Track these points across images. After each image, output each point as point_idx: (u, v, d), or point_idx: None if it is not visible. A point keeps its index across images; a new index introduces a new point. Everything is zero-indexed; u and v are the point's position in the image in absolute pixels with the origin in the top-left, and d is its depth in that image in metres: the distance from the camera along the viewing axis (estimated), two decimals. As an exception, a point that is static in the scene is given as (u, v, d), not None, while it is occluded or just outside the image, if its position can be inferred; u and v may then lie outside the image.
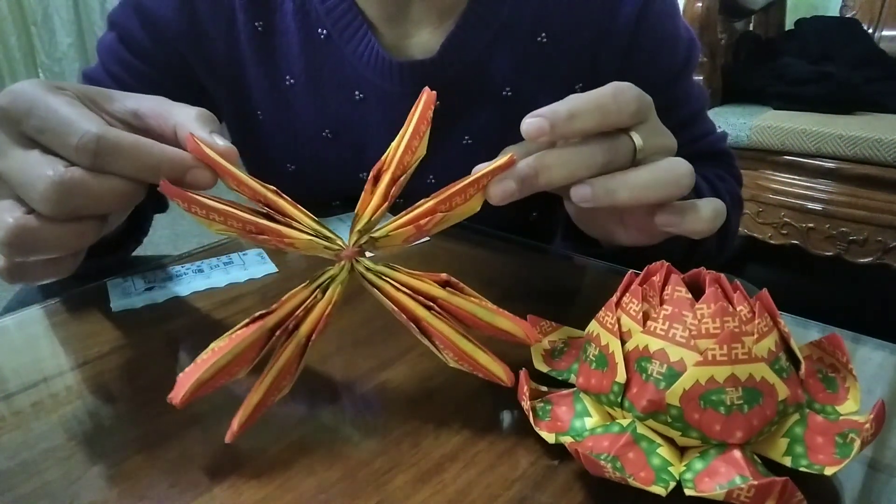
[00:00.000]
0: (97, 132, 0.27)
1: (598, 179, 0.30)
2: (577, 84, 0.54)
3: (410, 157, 0.31)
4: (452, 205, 0.29)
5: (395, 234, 0.29)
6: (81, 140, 0.27)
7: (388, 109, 0.54)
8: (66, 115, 0.27)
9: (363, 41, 0.51)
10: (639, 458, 0.24)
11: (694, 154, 0.58)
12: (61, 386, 0.32)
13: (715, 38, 1.61)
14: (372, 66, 0.52)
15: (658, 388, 0.24)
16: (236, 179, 0.29)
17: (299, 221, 0.29)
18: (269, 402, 0.27)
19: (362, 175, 0.57)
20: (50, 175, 0.26)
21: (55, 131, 0.27)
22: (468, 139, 0.55)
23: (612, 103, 0.30)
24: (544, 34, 0.52)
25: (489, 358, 0.27)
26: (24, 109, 0.28)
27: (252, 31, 0.52)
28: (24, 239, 0.27)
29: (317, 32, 0.52)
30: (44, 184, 0.26)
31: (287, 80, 0.54)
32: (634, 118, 0.31)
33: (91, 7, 3.01)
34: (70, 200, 0.27)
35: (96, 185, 0.27)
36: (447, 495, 0.24)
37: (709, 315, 0.24)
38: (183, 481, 0.25)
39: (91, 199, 0.27)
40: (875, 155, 1.31)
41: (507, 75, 0.53)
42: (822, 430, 0.25)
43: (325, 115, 0.55)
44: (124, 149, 0.27)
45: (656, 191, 0.30)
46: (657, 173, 0.30)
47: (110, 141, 0.27)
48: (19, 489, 0.25)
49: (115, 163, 0.27)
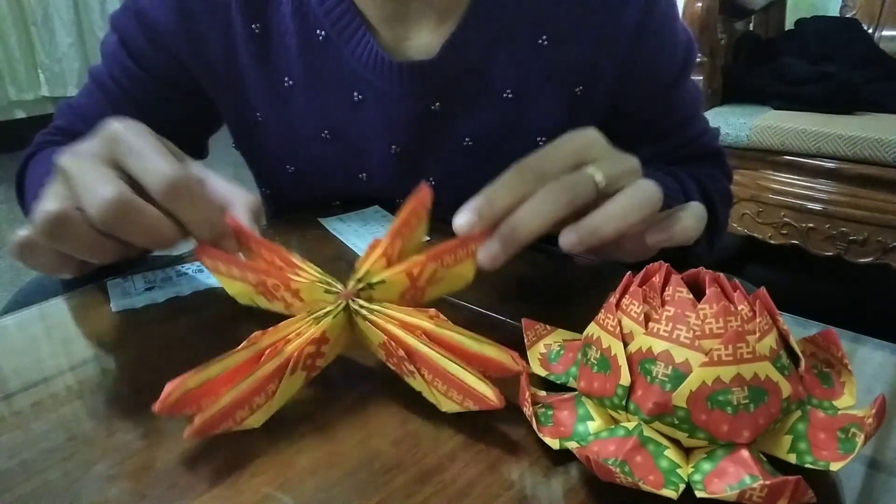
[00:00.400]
0: (177, 175, 0.30)
1: (580, 223, 0.32)
2: (577, 87, 0.54)
3: (403, 243, 0.33)
4: (443, 262, 0.32)
5: (391, 281, 0.31)
6: (162, 177, 0.30)
7: (386, 110, 0.54)
8: (156, 153, 0.31)
9: (362, 42, 0.51)
10: (646, 462, 0.24)
11: (688, 154, 0.59)
12: (61, 386, 0.32)
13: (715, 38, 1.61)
14: (371, 66, 0.52)
15: (664, 389, 0.24)
16: (260, 255, 0.34)
17: (306, 271, 0.32)
18: (235, 414, 0.27)
19: (362, 176, 0.57)
20: (113, 191, 0.29)
21: (142, 161, 0.31)
22: (468, 141, 0.55)
23: (524, 179, 0.33)
24: (545, 37, 0.52)
25: (477, 379, 0.27)
26: (127, 139, 0.31)
27: (249, 33, 0.52)
28: (60, 227, 0.29)
29: (315, 34, 0.52)
30: (106, 195, 0.29)
31: (286, 82, 0.54)
32: (578, 163, 0.34)
33: (91, 7, 3.01)
34: (118, 221, 0.29)
35: (146, 219, 0.30)
36: (447, 495, 0.24)
37: (712, 315, 0.24)
38: (183, 481, 0.25)
39: (135, 229, 0.30)
40: (875, 155, 1.31)
41: (508, 77, 0.53)
42: (823, 426, 0.25)
43: (324, 117, 0.55)
44: (194, 196, 0.31)
45: (635, 215, 0.32)
46: (630, 199, 0.33)
47: (185, 185, 0.30)
48: (19, 489, 0.25)
49: (179, 207, 0.31)
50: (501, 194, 0.33)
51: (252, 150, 0.60)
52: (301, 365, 0.28)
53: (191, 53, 0.53)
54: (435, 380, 0.28)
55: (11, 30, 2.80)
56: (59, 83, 2.97)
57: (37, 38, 2.88)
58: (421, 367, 0.28)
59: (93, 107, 0.57)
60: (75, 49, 2.97)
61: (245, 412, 0.27)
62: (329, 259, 0.47)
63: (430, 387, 0.28)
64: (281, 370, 0.28)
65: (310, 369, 0.30)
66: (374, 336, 0.30)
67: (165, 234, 0.31)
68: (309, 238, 0.51)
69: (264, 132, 0.57)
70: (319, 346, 0.29)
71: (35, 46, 2.90)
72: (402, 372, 0.30)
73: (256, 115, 0.56)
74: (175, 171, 0.30)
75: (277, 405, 0.28)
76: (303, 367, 0.29)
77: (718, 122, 1.50)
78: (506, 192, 0.33)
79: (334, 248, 0.49)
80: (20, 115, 3.00)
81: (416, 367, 0.28)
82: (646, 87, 0.56)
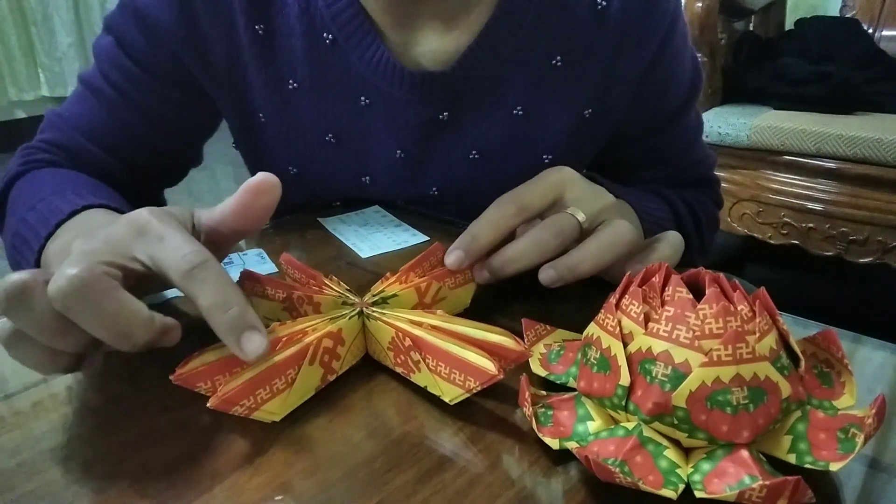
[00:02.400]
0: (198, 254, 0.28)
1: (559, 261, 0.36)
2: (587, 110, 0.55)
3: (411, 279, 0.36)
4: (445, 282, 0.36)
5: (402, 296, 0.34)
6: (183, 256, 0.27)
7: (394, 116, 0.54)
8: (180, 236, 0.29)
9: (371, 47, 0.51)
10: (646, 462, 0.24)
11: (684, 180, 0.61)
12: (61, 386, 0.32)
13: (715, 38, 1.61)
14: (381, 72, 0.51)
15: (664, 390, 0.24)
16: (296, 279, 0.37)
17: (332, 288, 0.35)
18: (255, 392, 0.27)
19: (365, 179, 0.57)
20: (81, 270, 0.25)
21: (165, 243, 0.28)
22: (475, 154, 0.56)
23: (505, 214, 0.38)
24: (560, 58, 0.52)
25: (476, 354, 0.28)
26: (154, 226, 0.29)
27: (253, 34, 0.51)
28: (19, 296, 0.25)
29: (322, 37, 0.51)
30: (70, 272, 0.25)
31: (290, 84, 0.53)
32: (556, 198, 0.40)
33: (91, 7, 3.01)
34: (72, 300, 0.25)
35: (112, 302, 0.26)
36: (447, 495, 0.24)
37: (711, 315, 0.24)
38: (183, 481, 0.25)
39: (92, 314, 0.26)
40: (875, 155, 1.31)
41: (520, 94, 0.53)
42: (823, 426, 0.25)
43: (329, 120, 0.55)
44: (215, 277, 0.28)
45: (609, 255, 0.37)
46: (605, 240, 0.37)
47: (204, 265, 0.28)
48: (19, 489, 0.25)
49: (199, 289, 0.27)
50: (485, 231, 0.37)
51: (253, 151, 0.60)
52: (319, 359, 0.29)
53: (192, 54, 0.52)
54: (439, 365, 0.29)
55: (11, 30, 2.79)
56: (59, 83, 2.97)
57: (37, 38, 2.88)
58: (426, 353, 0.29)
59: (87, 115, 0.54)
60: (75, 49, 2.97)
61: (266, 393, 0.27)
62: (329, 259, 0.47)
63: (434, 376, 0.29)
64: (300, 357, 0.28)
65: (326, 369, 0.30)
66: (383, 334, 0.31)
67: (134, 322, 0.26)
68: (309, 238, 0.51)
69: (266, 134, 0.56)
70: (336, 345, 0.30)
71: (35, 46, 2.90)
72: (408, 369, 0.30)
73: (259, 117, 0.56)
74: (195, 251, 0.28)
75: (296, 398, 0.29)
76: (320, 363, 0.29)
77: (718, 122, 1.50)
78: (489, 229, 0.37)
79: (334, 248, 0.49)
80: (20, 115, 3.00)
81: (421, 356, 0.29)
82: (652, 119, 0.57)
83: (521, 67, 0.52)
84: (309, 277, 0.36)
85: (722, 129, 1.49)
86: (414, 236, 0.50)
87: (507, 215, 0.38)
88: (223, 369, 0.28)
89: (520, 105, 0.54)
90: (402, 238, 0.50)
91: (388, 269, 0.37)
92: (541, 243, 0.36)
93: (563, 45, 0.52)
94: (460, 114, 0.53)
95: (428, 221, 0.53)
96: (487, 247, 0.37)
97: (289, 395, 0.28)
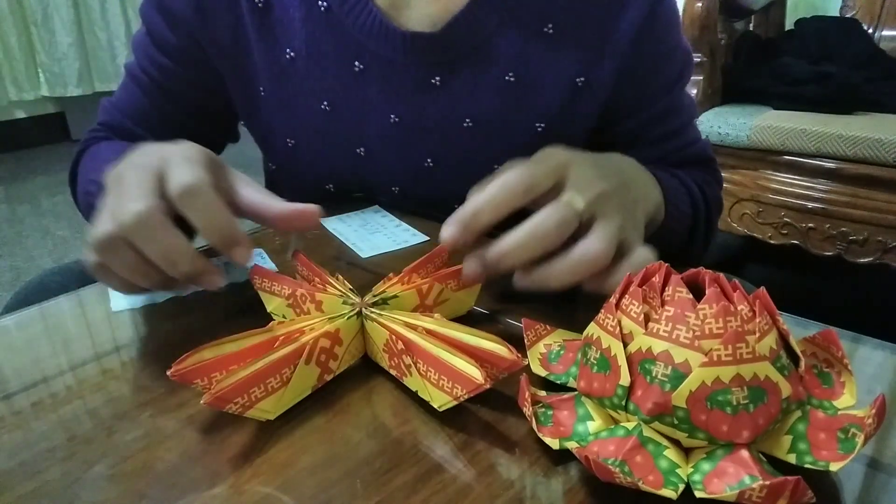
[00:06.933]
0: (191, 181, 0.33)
1: (534, 273, 0.35)
2: (579, 78, 0.55)
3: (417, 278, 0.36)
4: (446, 282, 0.35)
5: (402, 297, 0.34)
6: (178, 183, 0.33)
7: (387, 79, 0.54)
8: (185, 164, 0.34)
9: (364, 10, 0.52)
10: (646, 462, 0.24)
11: (685, 158, 0.61)
12: (61, 386, 0.32)
13: (715, 38, 1.61)
14: (374, 34, 0.52)
15: (664, 390, 0.24)
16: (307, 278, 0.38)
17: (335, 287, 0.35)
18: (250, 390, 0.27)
19: (359, 150, 0.58)
20: (141, 205, 0.32)
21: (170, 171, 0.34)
22: (469, 122, 0.56)
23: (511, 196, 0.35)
24: (551, 25, 0.53)
25: (465, 362, 0.27)
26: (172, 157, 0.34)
27: (253, 6, 0.53)
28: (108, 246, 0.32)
29: (317, 4, 0.53)
30: (134, 208, 0.32)
31: (287, 54, 0.55)
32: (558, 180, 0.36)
33: (91, 7, 3.01)
34: (140, 233, 0.32)
35: (165, 237, 0.32)
36: (447, 495, 0.24)
37: (711, 315, 0.24)
38: (183, 481, 0.25)
39: (155, 246, 0.32)
40: (875, 155, 1.31)
41: (511, 61, 0.54)
42: (823, 426, 0.25)
43: (324, 87, 0.56)
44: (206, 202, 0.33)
45: (580, 274, 0.34)
46: (578, 259, 0.34)
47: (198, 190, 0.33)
48: (19, 489, 0.25)
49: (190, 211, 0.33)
50: (489, 210, 0.34)
51: (256, 125, 0.61)
52: (315, 359, 0.29)
53: (202, 32, 0.55)
54: (429, 370, 0.28)
55: (11, 30, 2.79)
56: (59, 83, 2.97)
57: (37, 38, 2.88)
58: (417, 358, 0.29)
59: (129, 100, 0.60)
60: (75, 49, 2.97)
61: (260, 391, 0.27)
62: (329, 259, 0.47)
63: (424, 381, 0.29)
64: (296, 356, 0.28)
65: (323, 368, 0.30)
66: (379, 336, 0.31)
67: (180, 255, 0.32)
68: (309, 238, 0.51)
69: (266, 106, 0.58)
70: (333, 345, 0.30)
71: (35, 46, 2.90)
72: (401, 372, 0.30)
73: (259, 90, 0.57)
74: (191, 178, 0.32)
75: (291, 397, 0.29)
76: (317, 362, 0.30)
77: (718, 122, 1.50)
78: (493, 208, 0.34)
79: (334, 248, 0.49)
80: (20, 115, 3.00)
81: (412, 360, 0.29)
82: (647, 87, 0.57)
83: (512, 33, 0.53)
84: (314, 275, 0.36)
85: (722, 129, 1.49)
86: (414, 236, 0.50)
87: (514, 194, 0.35)
88: (220, 366, 0.28)
89: (511, 71, 0.54)
90: (402, 238, 0.50)
91: (388, 269, 0.37)
92: (542, 237, 0.34)
93: (554, 13, 0.53)
94: (452, 78, 0.54)
95: (428, 222, 0.53)
96: (487, 227, 0.35)
97: (283, 393, 0.28)
